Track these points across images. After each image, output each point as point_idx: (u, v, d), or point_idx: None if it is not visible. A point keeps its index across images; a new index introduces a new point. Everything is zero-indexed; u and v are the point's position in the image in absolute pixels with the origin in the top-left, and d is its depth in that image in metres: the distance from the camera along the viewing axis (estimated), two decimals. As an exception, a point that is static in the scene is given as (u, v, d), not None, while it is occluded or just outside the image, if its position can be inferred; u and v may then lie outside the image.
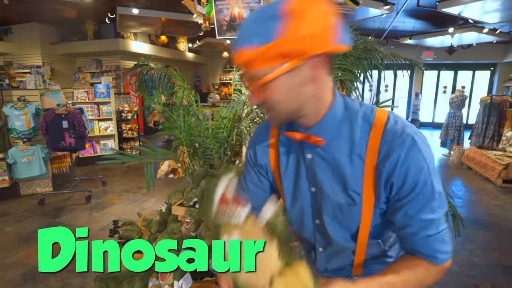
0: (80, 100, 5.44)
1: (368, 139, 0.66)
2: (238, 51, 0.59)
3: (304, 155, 0.73)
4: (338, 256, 0.80)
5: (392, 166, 0.63)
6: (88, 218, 3.51)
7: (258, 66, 0.58)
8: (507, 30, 7.47)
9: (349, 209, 0.71)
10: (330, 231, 0.76)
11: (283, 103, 0.63)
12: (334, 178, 0.70)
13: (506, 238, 3.16)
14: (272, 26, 0.55)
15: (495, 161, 4.94)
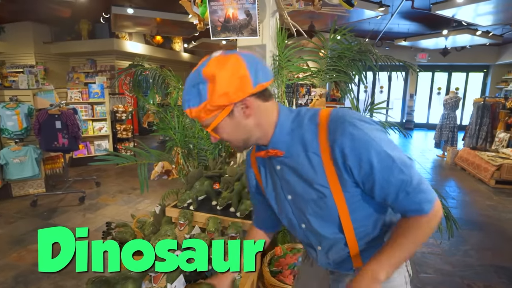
0: (74, 100, 5.39)
1: (318, 136, 0.75)
2: (187, 110, 0.75)
3: (275, 168, 0.85)
4: (334, 251, 0.86)
5: (342, 152, 0.71)
6: (82, 219, 3.47)
7: (204, 117, 0.75)
8: (500, 33, 7.56)
9: (324, 202, 0.78)
10: (318, 228, 0.83)
11: (234, 137, 0.79)
12: (301, 179, 0.79)
13: (499, 238, 3.19)
14: (201, 91, 0.72)
15: (488, 162, 4.99)
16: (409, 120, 11.50)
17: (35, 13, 6.85)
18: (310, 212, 0.81)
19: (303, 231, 0.88)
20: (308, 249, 0.96)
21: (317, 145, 0.75)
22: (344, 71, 1.94)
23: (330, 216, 0.80)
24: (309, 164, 0.76)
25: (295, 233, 0.93)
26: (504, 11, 5.14)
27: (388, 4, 5.14)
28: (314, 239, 0.87)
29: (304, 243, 0.95)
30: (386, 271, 0.71)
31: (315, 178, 0.76)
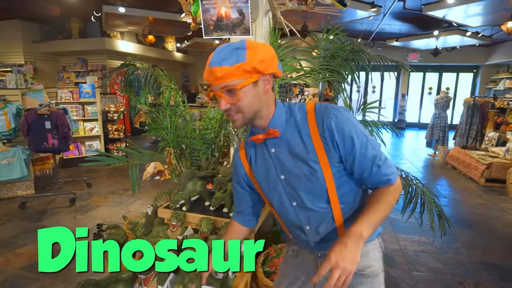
0: (64, 100, 5.30)
1: (307, 121, 0.91)
2: (218, 68, 0.83)
3: (269, 151, 0.96)
4: (323, 226, 0.97)
5: (330, 130, 0.87)
6: (72, 221, 3.41)
7: (232, 77, 0.83)
8: (489, 34, 7.69)
9: (315, 176, 0.90)
10: (309, 203, 0.94)
11: (249, 105, 0.87)
12: (295, 158, 0.92)
13: (488, 236, 3.24)
14: (240, 53, 0.83)
15: (478, 161, 5.06)
16: (401, 119, 11.62)
17: (24, 11, 6.72)
18: (303, 188, 0.93)
19: (294, 210, 0.97)
20: (297, 234, 1.03)
21: (307, 127, 0.90)
22: (337, 71, 1.94)
23: (320, 190, 0.92)
24: (302, 143, 0.90)
25: (285, 215, 1.00)
26: (492, 13, 5.23)
27: (380, 5, 5.19)
28: (303, 217, 0.97)
29: (293, 226, 1.02)
30: (367, 230, 0.82)
31: (307, 155, 0.90)
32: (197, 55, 12.15)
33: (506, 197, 4.39)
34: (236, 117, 0.88)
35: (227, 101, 0.86)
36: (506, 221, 3.61)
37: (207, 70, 0.86)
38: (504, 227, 3.44)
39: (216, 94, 0.86)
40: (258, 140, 0.95)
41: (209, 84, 0.87)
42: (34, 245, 2.87)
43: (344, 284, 0.74)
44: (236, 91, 0.84)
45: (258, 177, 1.02)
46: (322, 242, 0.99)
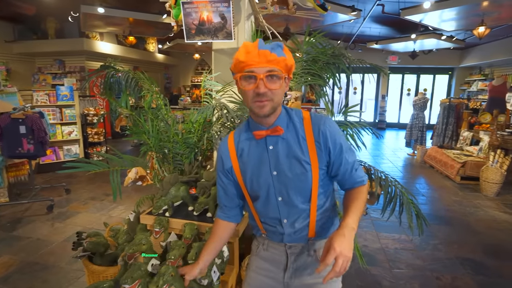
0: (40, 103, 5.11)
1: (303, 126, 1.02)
2: (270, 52, 0.91)
3: (267, 147, 1.03)
4: (299, 221, 1.07)
5: (325, 137, 1.00)
6: (50, 229, 3.29)
7: (278, 67, 0.93)
8: (462, 38, 8.03)
9: (305, 176, 1.01)
10: (293, 200, 1.04)
11: (280, 96, 0.97)
12: (291, 157, 1.01)
13: (464, 232, 3.38)
14: (282, 51, 0.94)
15: (454, 160, 5.27)
16: (381, 120, 11.93)
17: (-5, 10, 6.43)
18: (292, 185, 1.02)
19: (277, 204, 1.06)
20: (272, 227, 1.11)
21: (304, 131, 1.01)
22: (318, 74, 1.97)
23: (305, 189, 1.03)
24: (299, 145, 1.01)
25: (267, 209, 1.08)
26: (465, 18, 5.47)
27: (360, 9, 5.32)
28: (284, 211, 1.06)
29: (270, 219, 1.10)
30: (356, 223, 0.96)
31: (302, 156, 1.00)
32: (179, 57, 12.01)
33: (479, 194, 4.59)
34: (267, 103, 0.94)
35: (267, 86, 0.91)
36: (479, 217, 3.77)
37: (254, 52, 0.90)
38: (477, 223, 3.60)
39: (257, 77, 0.90)
40: (260, 135, 1.01)
41: (249, 66, 0.91)
42: (8, 255, 2.75)
43: (344, 269, 0.85)
44: (281, 78, 0.93)
45: (246, 171, 1.06)
46: (294, 235, 1.10)
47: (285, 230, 1.09)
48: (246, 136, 1.07)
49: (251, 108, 0.97)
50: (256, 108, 0.95)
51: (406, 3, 5.23)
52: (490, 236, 3.29)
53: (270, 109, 0.96)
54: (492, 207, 4.10)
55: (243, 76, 0.94)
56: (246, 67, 0.92)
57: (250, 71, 0.92)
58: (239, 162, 1.08)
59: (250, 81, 0.93)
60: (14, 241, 3.02)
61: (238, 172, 1.09)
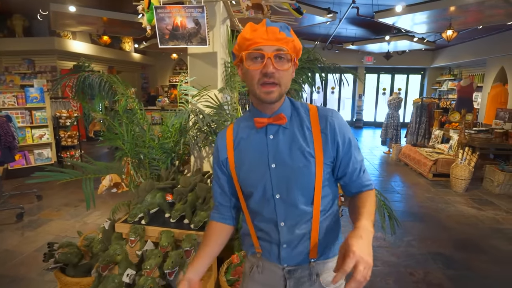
0: (7, 106, 4.85)
1: (309, 116, 0.94)
2: (278, 30, 0.84)
3: (267, 137, 0.93)
4: (298, 227, 0.94)
5: (333, 129, 0.92)
6: (20, 239, 3.14)
7: (287, 47, 0.85)
8: (433, 39, 8.38)
9: (308, 169, 0.90)
10: (293, 198, 0.92)
11: (288, 80, 0.89)
12: (293, 147, 0.91)
13: (435, 227, 3.54)
14: (289, 32, 0.87)
15: (426, 157, 5.50)
16: (358, 119, 12.24)
17: (-44, 7, 6.03)
18: (292, 179, 0.91)
19: (274, 203, 0.93)
20: (266, 234, 0.97)
21: (309, 121, 0.93)
22: (294, 79, 2.00)
23: (307, 187, 0.92)
24: (303, 135, 0.92)
25: (262, 209, 0.95)
26: (435, 22, 5.71)
27: (336, 11, 5.42)
28: (282, 212, 0.93)
29: (266, 221, 0.96)
30: (372, 226, 0.84)
31: (305, 147, 0.91)
32: (156, 56, 11.77)
33: (450, 190, 4.82)
34: (275, 89, 0.86)
35: (275, 66, 0.83)
36: (450, 212, 3.96)
37: (262, 29, 0.83)
38: (448, 218, 3.78)
39: (265, 55, 0.82)
40: (261, 123, 0.92)
41: (256, 43, 0.83)
42: (-25, 268, 2.60)
43: (366, 278, 0.69)
44: (290, 60, 0.86)
45: (242, 162, 0.96)
46: (292, 251, 0.95)
47: (281, 237, 0.94)
48: (246, 124, 0.97)
49: (256, 93, 0.87)
50: (262, 93, 0.86)
51: (379, 6, 5.40)
52: (459, 231, 3.46)
53: (277, 96, 0.87)
54: (461, 202, 4.32)
55: (249, 55, 0.85)
56: (253, 45, 0.84)
57: (258, 48, 0.83)
58: (235, 152, 0.98)
59: (256, 60, 0.84)
60: (-20, 253, 2.86)
61: (232, 164, 0.98)
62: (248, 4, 1.94)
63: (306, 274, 0.97)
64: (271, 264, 0.99)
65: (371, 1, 5.23)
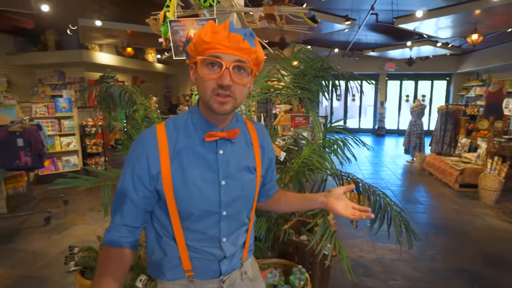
0: (39, 115, 5.16)
1: (249, 130, 0.96)
2: (242, 39, 0.75)
3: (217, 152, 0.86)
4: (239, 238, 0.95)
5: (268, 142, 0.99)
6: (47, 242, 3.29)
7: (249, 59, 0.78)
8: (458, 44, 8.09)
9: (253, 183, 0.93)
10: (239, 213, 0.92)
11: (244, 94, 0.82)
12: (241, 163, 0.90)
13: (461, 241, 3.36)
14: (253, 41, 0.79)
15: (452, 167, 5.26)
16: (380, 126, 11.94)
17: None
18: (239, 195, 0.90)
19: (219, 220, 0.88)
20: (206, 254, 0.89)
21: (250, 136, 0.95)
22: (307, 88, 2.00)
23: (250, 200, 0.94)
24: (248, 150, 0.93)
25: (203, 226, 0.87)
26: (459, 26, 5.52)
27: (355, 18, 5.38)
28: (225, 228, 0.89)
29: (206, 241, 0.88)
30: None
31: (250, 162, 0.93)
32: (178, 66, 12.12)
33: (478, 202, 4.57)
34: (229, 100, 0.78)
35: (233, 78, 0.75)
36: (477, 225, 3.75)
37: (223, 34, 0.73)
38: (475, 232, 3.57)
39: (224, 65, 0.74)
40: (214, 137, 0.83)
41: (215, 49, 0.74)
42: (4, 268, 2.75)
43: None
44: (249, 73, 0.79)
45: (183, 179, 0.82)
46: (231, 262, 0.94)
47: (225, 251, 0.90)
48: (187, 135, 0.84)
49: (208, 102, 0.78)
50: (215, 103, 0.77)
51: (399, 12, 5.30)
52: (488, 245, 3.26)
53: (231, 108, 0.80)
54: (491, 215, 4.08)
55: (204, 61, 0.76)
56: (211, 50, 0.74)
57: (216, 56, 0.74)
58: (172, 167, 0.82)
59: (213, 69, 0.76)
60: (11, 254, 3.02)
61: (168, 181, 0.81)
62: (261, 15, 1.97)
63: (237, 275, 0.97)
64: (206, 282, 0.91)
65: (390, 6, 5.15)
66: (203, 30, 0.76)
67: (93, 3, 5.53)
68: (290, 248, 2.05)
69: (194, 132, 0.85)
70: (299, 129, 2.26)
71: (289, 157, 2.03)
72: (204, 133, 0.84)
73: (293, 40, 6.03)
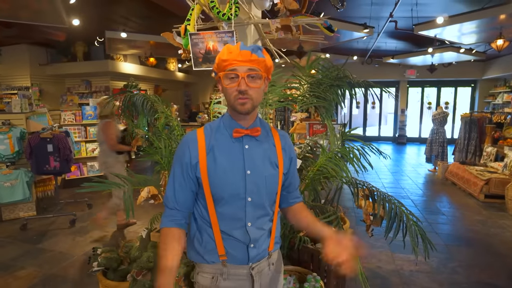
0: (67, 122, 5.44)
1: (272, 134, 1.13)
2: (251, 53, 0.97)
3: (243, 146, 1.05)
4: (264, 224, 1.08)
5: (289, 147, 1.15)
6: (71, 243, 3.45)
7: (259, 67, 0.98)
8: (483, 50, 7.82)
9: (276, 178, 1.08)
10: (263, 201, 1.06)
11: (259, 96, 1.02)
12: (264, 158, 1.07)
13: (487, 254, 3.22)
14: (261, 52, 1.00)
15: (476, 177, 5.06)
16: (401, 134, 11.65)
17: (31, 37, 7.00)
18: (263, 185, 1.05)
19: (244, 205, 1.03)
20: (234, 236, 1.04)
21: (273, 138, 1.12)
22: (323, 97, 2.02)
23: (273, 192, 1.09)
24: (270, 149, 1.09)
25: (232, 212, 1.03)
26: (483, 31, 5.36)
27: (373, 26, 5.35)
28: (250, 213, 1.04)
29: (234, 224, 1.04)
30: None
31: (273, 159, 1.08)
32: (198, 75, 12.42)
33: (505, 214, 4.36)
34: (247, 101, 0.98)
35: (248, 84, 0.96)
36: (505, 238, 3.58)
37: (236, 52, 0.96)
38: (502, 245, 3.41)
39: (239, 75, 0.96)
40: (240, 133, 1.03)
41: (231, 64, 0.96)
42: (33, 267, 2.91)
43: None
44: (262, 78, 0.99)
45: (216, 168, 1.02)
46: (258, 249, 1.07)
47: (250, 234, 1.04)
48: (219, 134, 1.06)
49: (234, 106, 1.00)
50: (238, 105, 0.98)
51: (419, 19, 5.22)
52: (515, 259, 3.11)
53: (251, 107, 0.99)
54: (518, 227, 3.88)
55: (226, 75, 0.98)
56: (229, 66, 0.97)
57: (233, 69, 0.97)
58: (208, 158, 1.03)
59: (232, 79, 0.97)
60: (39, 254, 3.19)
61: (204, 169, 1.02)
62: (278, 26, 2.03)
63: (265, 265, 1.11)
64: (237, 267, 1.06)
65: (410, 13, 5.09)
66: (221, 53, 0.99)
67: (119, 16, 5.82)
68: (305, 256, 2.05)
69: (225, 131, 1.05)
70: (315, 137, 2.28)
71: (305, 165, 2.06)
72: (232, 131, 1.04)
73: (311, 49, 6.07)
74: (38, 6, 3.83)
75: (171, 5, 4.80)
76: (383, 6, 4.98)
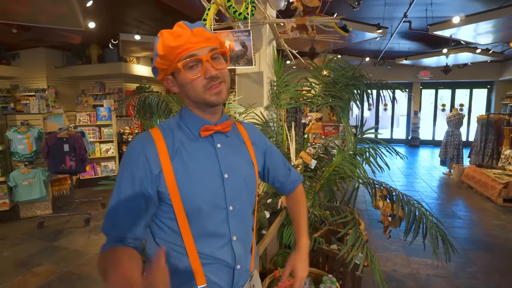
0: (82, 123, 5.55)
1: (237, 127, 0.96)
2: (205, 30, 0.79)
3: (215, 146, 0.86)
4: (246, 238, 0.91)
5: (259, 141, 0.99)
6: (86, 241, 3.51)
7: (216, 44, 0.81)
8: (500, 50, 7.64)
9: (254, 177, 0.93)
10: (245, 208, 0.90)
11: (228, 76, 0.84)
12: (240, 157, 0.92)
13: (507, 259, 3.12)
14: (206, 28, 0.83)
15: (494, 180, 4.92)
16: (414, 137, 11.46)
17: (48, 40, 7.20)
18: (243, 188, 0.89)
19: (227, 216, 0.84)
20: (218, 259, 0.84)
21: (239, 133, 0.95)
22: (339, 96, 2.01)
23: (254, 193, 0.94)
24: (241, 145, 0.94)
25: (212, 224, 0.82)
26: (500, 31, 5.23)
27: (386, 26, 5.29)
28: (234, 225, 0.85)
29: (217, 242, 0.83)
30: (308, 237, 1.03)
31: (246, 156, 0.93)
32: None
33: (525, 218, 4.23)
34: (223, 87, 0.81)
35: (215, 67, 0.78)
36: (525, 243, 3.47)
37: (187, 33, 0.76)
38: (523, 250, 3.31)
39: (203, 59, 0.77)
40: (209, 131, 0.84)
41: (187, 50, 0.76)
42: (50, 264, 2.96)
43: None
44: (223, 55, 0.82)
45: (187, 176, 0.80)
46: (242, 269, 0.89)
47: (235, 251, 0.86)
48: (181, 133, 0.84)
49: (205, 99, 0.80)
50: (212, 96, 0.79)
51: (434, 19, 5.14)
52: (536, 265, 3.00)
53: (226, 93, 0.82)
54: (539, 232, 3.75)
55: (184, 65, 0.77)
56: (184, 52, 0.76)
57: (191, 55, 0.76)
58: (174, 165, 0.79)
59: (193, 68, 0.78)
60: (55, 251, 3.25)
61: (171, 179, 0.78)
62: (293, 25, 2.03)
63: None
64: None
65: (424, 13, 5.01)
66: (165, 39, 0.76)
67: (133, 19, 5.93)
68: (320, 257, 2.03)
69: (188, 131, 0.85)
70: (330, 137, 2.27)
71: (319, 165, 2.04)
72: (199, 130, 0.84)
73: (323, 50, 6.04)
74: (57, 10, 3.94)
75: (184, 8, 4.86)
76: (397, 7, 4.93)
